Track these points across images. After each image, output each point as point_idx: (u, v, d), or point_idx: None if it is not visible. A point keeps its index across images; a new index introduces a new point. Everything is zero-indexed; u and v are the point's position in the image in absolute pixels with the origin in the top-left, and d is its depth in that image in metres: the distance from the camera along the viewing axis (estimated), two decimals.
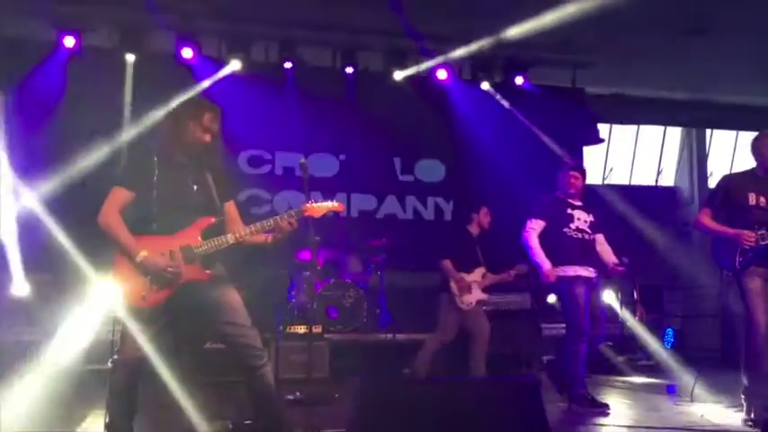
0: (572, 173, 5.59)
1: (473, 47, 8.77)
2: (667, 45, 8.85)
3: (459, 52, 8.94)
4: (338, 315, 7.60)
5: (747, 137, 11.81)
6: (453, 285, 6.34)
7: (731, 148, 12.40)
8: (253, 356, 3.52)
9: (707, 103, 11.25)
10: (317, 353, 6.87)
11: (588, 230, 5.49)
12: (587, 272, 5.37)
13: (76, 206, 7.37)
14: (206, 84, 8.57)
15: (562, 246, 5.37)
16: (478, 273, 6.40)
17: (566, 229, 5.42)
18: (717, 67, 9.56)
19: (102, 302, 6.48)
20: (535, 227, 5.46)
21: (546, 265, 5.32)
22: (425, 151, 9.76)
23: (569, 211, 5.49)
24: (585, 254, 5.42)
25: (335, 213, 3.84)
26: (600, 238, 5.62)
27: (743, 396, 4.71)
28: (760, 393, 4.57)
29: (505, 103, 9.68)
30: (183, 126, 3.53)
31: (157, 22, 8.33)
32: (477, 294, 6.41)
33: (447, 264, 6.38)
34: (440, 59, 9.19)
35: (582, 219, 5.49)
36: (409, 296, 8.31)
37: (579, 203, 5.60)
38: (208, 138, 3.56)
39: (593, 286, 5.42)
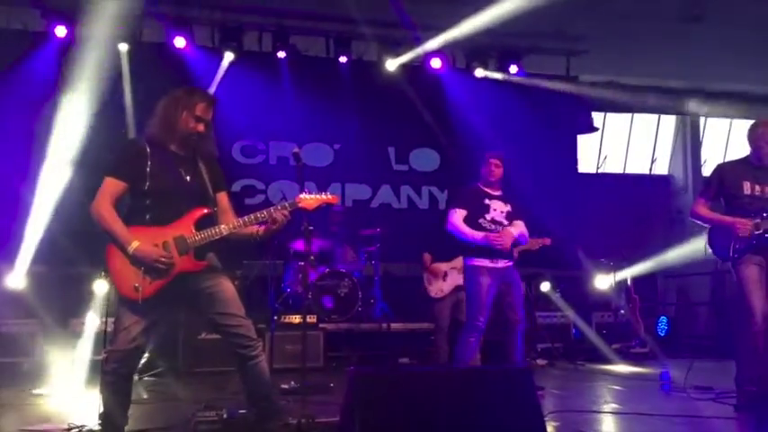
0: (492, 161, 5.58)
1: (467, 35, 8.72)
2: (661, 33, 8.84)
3: (453, 39, 8.90)
4: (333, 305, 7.61)
5: (741, 125, 11.91)
6: (424, 276, 6.50)
7: (725, 137, 12.41)
8: (247, 346, 3.52)
9: (701, 92, 11.25)
10: (312, 342, 6.89)
11: (504, 221, 5.49)
12: (496, 263, 5.34)
13: (71, 196, 7.39)
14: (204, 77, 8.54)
15: None
16: (459, 260, 6.40)
17: (481, 220, 5.43)
18: (711, 55, 9.55)
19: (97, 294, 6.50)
20: (458, 216, 5.48)
21: (478, 235, 5.31)
22: (420, 140, 9.74)
23: (486, 201, 5.50)
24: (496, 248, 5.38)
25: (329, 204, 3.83)
26: (518, 223, 5.57)
27: (736, 383, 4.73)
28: (753, 381, 4.59)
29: (498, 76, 9.63)
30: (175, 115, 3.51)
31: (149, 11, 8.28)
32: (453, 281, 6.47)
33: (423, 256, 6.55)
34: (434, 48, 9.16)
35: (498, 210, 5.50)
36: (404, 285, 8.32)
37: (498, 193, 5.60)
38: (201, 127, 3.54)
39: (503, 277, 5.37)
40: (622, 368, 7.41)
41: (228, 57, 8.75)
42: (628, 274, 8.90)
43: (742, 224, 4.63)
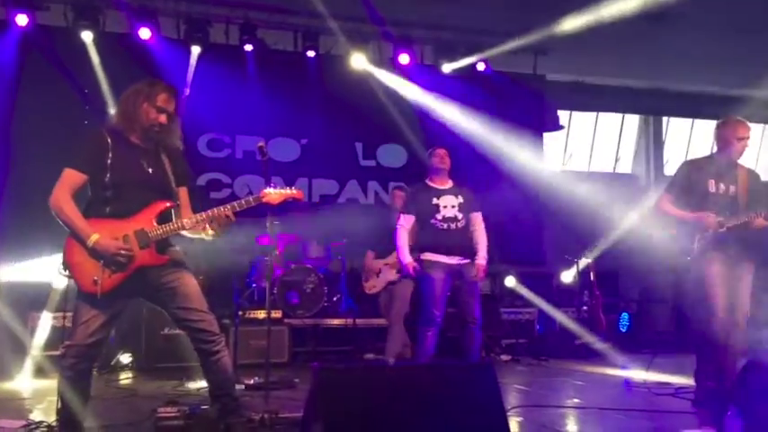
0: (438, 150, 5.55)
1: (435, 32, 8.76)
2: (626, 34, 8.93)
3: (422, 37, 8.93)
4: (298, 300, 7.57)
5: (702, 125, 12.12)
6: (362, 274, 6.63)
7: (687, 137, 12.62)
8: (209, 341, 3.48)
9: (663, 92, 11.42)
10: (277, 338, 6.86)
11: (458, 215, 5.40)
12: (450, 259, 5.33)
13: (33, 190, 7.24)
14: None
15: (429, 237, 5.39)
16: (393, 256, 6.43)
17: (433, 221, 5.39)
18: (673, 56, 9.69)
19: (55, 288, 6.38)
20: (404, 223, 5.48)
21: (405, 259, 5.38)
22: (387, 136, 9.71)
23: (435, 201, 5.41)
24: (451, 244, 5.36)
25: (295, 198, 3.78)
26: (475, 221, 5.52)
27: (695, 378, 4.81)
28: (712, 376, 4.66)
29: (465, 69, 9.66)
30: (136, 107, 3.45)
31: (114, 2, 8.15)
32: (385, 277, 6.60)
33: (367, 253, 6.69)
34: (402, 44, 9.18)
35: (449, 205, 5.40)
36: None
37: (447, 186, 5.52)
38: (162, 119, 3.48)
39: (457, 274, 5.34)
40: (585, 364, 7.48)
41: (196, 51, 8.64)
42: (591, 266, 9.00)
43: (708, 217, 4.65)
